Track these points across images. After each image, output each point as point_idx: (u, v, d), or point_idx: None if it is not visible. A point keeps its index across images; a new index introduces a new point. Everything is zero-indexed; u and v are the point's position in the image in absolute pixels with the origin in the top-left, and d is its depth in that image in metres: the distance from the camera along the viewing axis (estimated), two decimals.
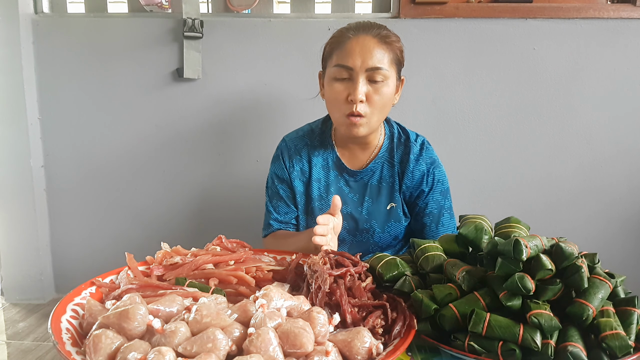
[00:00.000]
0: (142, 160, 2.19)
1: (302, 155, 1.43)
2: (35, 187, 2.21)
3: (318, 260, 0.91)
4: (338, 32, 1.31)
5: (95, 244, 2.28)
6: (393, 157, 1.40)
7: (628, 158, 2.08)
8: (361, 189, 1.41)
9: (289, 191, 1.45)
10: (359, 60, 1.23)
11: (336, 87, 1.27)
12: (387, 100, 1.28)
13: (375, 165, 1.40)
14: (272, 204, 1.46)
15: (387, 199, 1.39)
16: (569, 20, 1.98)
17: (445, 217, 1.40)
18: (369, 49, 1.24)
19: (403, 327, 0.82)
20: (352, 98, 1.24)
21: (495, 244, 0.85)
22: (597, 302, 0.80)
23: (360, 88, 1.23)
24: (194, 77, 2.07)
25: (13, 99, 2.13)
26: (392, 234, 1.41)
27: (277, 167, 1.45)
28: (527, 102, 2.05)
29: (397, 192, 1.39)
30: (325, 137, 1.44)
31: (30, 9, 2.13)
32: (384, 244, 1.42)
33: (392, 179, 1.39)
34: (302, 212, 1.44)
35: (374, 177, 1.40)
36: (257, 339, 0.67)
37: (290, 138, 1.47)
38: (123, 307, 0.72)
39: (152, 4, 2.13)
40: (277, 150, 1.47)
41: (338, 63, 1.26)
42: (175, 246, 1.04)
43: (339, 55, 1.26)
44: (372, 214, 1.40)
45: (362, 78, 1.24)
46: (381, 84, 1.26)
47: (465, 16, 1.99)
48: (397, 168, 1.39)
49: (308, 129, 1.48)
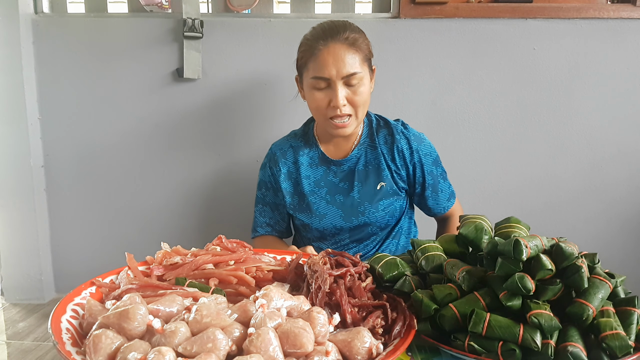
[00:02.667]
0: (142, 160, 2.19)
1: (287, 157, 1.52)
2: (35, 187, 2.21)
3: (318, 260, 0.91)
4: (309, 42, 1.38)
5: (95, 244, 2.28)
6: (374, 140, 1.48)
7: (628, 158, 2.08)
8: (349, 176, 1.48)
9: (275, 198, 1.54)
10: (333, 70, 1.32)
11: (317, 95, 1.37)
12: (366, 96, 1.38)
13: (359, 151, 1.48)
14: (258, 209, 1.57)
15: (376, 179, 1.46)
16: (569, 20, 1.98)
17: (441, 184, 1.51)
18: (341, 57, 1.32)
19: (403, 327, 0.82)
20: (334, 104, 1.34)
21: (495, 244, 0.85)
22: (597, 302, 0.80)
23: (340, 95, 1.33)
24: (194, 77, 2.07)
25: (13, 99, 2.13)
26: (387, 212, 1.46)
27: (264, 174, 1.56)
28: (527, 102, 2.05)
29: (384, 170, 1.46)
30: (309, 136, 1.53)
31: (30, 9, 2.13)
32: (382, 223, 1.47)
33: (377, 160, 1.47)
34: (296, 210, 1.51)
35: (360, 162, 1.48)
36: (257, 339, 0.67)
37: (276, 144, 1.57)
38: (123, 307, 0.72)
39: (152, 4, 2.13)
40: (265, 157, 1.58)
41: (315, 75, 1.35)
42: (175, 246, 1.04)
43: (314, 67, 1.35)
44: (364, 196, 1.46)
45: (339, 85, 1.33)
46: (358, 85, 1.35)
47: (465, 16, 1.99)
48: (380, 149, 1.47)
49: (292, 134, 1.59)
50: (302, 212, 1.49)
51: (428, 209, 1.53)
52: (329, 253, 0.98)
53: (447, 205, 1.53)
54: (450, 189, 1.54)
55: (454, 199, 1.55)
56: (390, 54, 2.02)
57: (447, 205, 1.53)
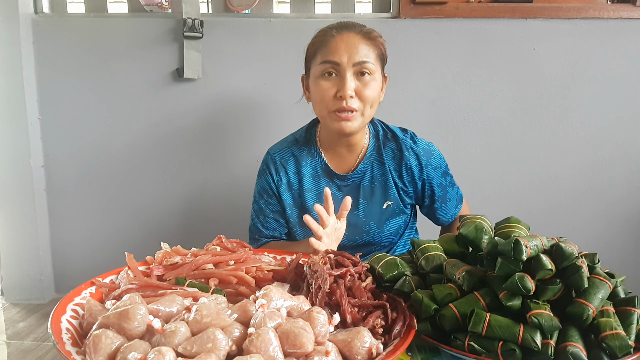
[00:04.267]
0: (142, 160, 2.19)
1: (288, 167, 1.40)
2: (35, 187, 2.21)
3: (318, 260, 0.91)
4: (321, 32, 1.30)
5: (95, 244, 2.28)
6: (382, 155, 1.38)
7: (628, 158, 2.08)
8: (354, 192, 1.38)
9: (278, 205, 1.41)
10: (345, 56, 1.22)
11: (323, 84, 1.25)
12: (376, 95, 1.28)
13: (364, 166, 1.38)
14: (260, 220, 1.42)
15: (382, 198, 1.38)
16: (569, 20, 1.98)
17: (450, 192, 1.44)
18: (354, 44, 1.24)
19: (403, 327, 0.82)
20: (342, 94, 1.23)
21: (495, 244, 0.85)
22: (597, 302, 0.80)
23: (349, 84, 1.22)
24: (194, 77, 2.07)
25: (13, 99, 2.13)
26: (392, 231, 1.40)
27: (264, 182, 1.42)
28: (527, 102, 2.05)
29: (391, 189, 1.38)
30: (311, 144, 1.41)
31: (30, 9, 2.13)
32: (386, 242, 1.42)
33: (385, 177, 1.38)
34: (296, 225, 1.41)
35: (365, 178, 1.38)
36: (257, 339, 0.67)
37: (275, 150, 1.44)
38: (123, 307, 0.72)
39: (152, 4, 2.13)
40: (263, 163, 1.45)
41: (324, 60, 1.24)
42: (175, 246, 1.04)
43: (324, 53, 1.25)
44: (369, 215, 1.38)
45: (349, 74, 1.23)
46: (369, 78, 1.25)
47: (465, 16, 1.99)
48: (388, 165, 1.38)
49: (292, 139, 1.45)
50: (303, 227, 1.38)
51: (436, 218, 1.47)
52: (329, 253, 0.98)
53: (455, 212, 1.47)
54: (458, 194, 1.47)
55: (461, 204, 1.49)
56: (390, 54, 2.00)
57: (455, 212, 1.47)
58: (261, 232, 1.42)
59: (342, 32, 1.26)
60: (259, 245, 1.42)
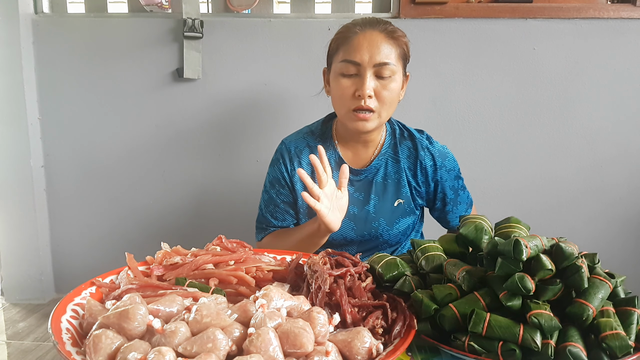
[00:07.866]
0: (142, 160, 2.19)
1: (303, 157, 1.40)
2: (35, 187, 2.21)
3: (318, 260, 0.91)
4: (344, 28, 1.30)
5: (95, 244, 2.28)
6: (397, 152, 1.38)
7: (628, 158, 2.08)
8: (366, 187, 1.38)
9: (290, 196, 1.41)
10: (366, 56, 1.23)
11: (343, 82, 1.26)
12: (395, 95, 1.29)
13: (379, 162, 1.38)
14: (270, 210, 1.41)
15: (394, 196, 1.38)
16: (569, 20, 1.98)
17: (461, 195, 1.44)
18: (377, 44, 1.23)
19: (403, 327, 0.82)
20: (360, 94, 1.23)
21: (495, 244, 0.85)
22: (597, 302, 0.80)
23: (368, 83, 1.23)
24: (194, 77, 2.07)
25: (13, 99, 2.13)
26: (400, 230, 1.40)
27: (277, 171, 1.41)
28: (527, 102, 2.05)
29: (404, 187, 1.38)
30: (327, 137, 1.41)
31: (30, 9, 2.13)
32: (393, 240, 1.41)
33: (398, 175, 1.38)
34: (306, 216, 1.40)
35: (379, 174, 1.38)
36: (257, 339, 0.67)
37: (290, 140, 1.43)
38: (123, 307, 0.72)
39: (152, 4, 2.13)
40: (277, 153, 1.44)
41: (345, 58, 1.25)
42: (175, 246, 1.04)
43: (346, 50, 1.25)
44: (379, 211, 1.38)
45: (369, 73, 1.23)
46: (389, 80, 1.25)
47: (465, 16, 1.99)
48: (403, 164, 1.38)
49: (307, 131, 1.45)
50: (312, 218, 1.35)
51: (447, 222, 1.46)
52: (329, 253, 0.98)
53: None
54: (469, 199, 1.47)
55: (471, 208, 1.49)
56: None
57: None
58: (270, 222, 1.42)
59: (366, 30, 1.26)
60: (265, 234, 1.42)
